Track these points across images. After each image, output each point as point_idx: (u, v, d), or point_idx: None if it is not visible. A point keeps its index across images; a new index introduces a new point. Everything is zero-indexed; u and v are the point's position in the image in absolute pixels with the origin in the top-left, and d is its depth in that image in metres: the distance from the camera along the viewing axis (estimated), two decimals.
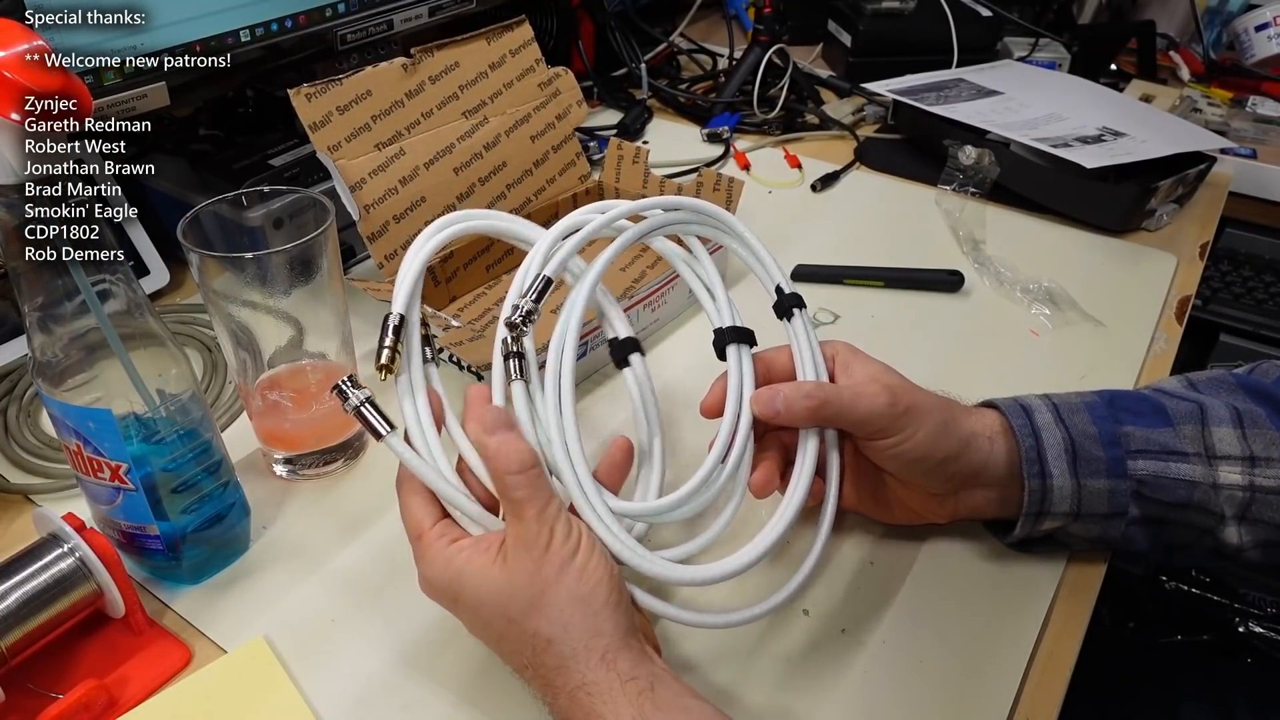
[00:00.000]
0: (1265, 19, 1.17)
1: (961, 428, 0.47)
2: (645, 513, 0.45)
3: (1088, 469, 0.47)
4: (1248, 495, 0.47)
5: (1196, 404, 0.49)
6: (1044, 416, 0.48)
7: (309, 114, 0.61)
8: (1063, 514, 0.48)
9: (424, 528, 0.41)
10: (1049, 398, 0.50)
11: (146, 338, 0.43)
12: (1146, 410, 0.49)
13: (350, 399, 0.41)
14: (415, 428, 0.43)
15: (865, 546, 0.52)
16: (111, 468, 0.43)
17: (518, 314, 0.44)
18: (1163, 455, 0.47)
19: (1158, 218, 0.84)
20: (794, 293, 0.50)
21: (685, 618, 0.43)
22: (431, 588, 0.41)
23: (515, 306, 0.44)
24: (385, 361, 0.43)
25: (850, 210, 0.89)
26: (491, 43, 0.72)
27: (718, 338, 0.49)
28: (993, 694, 0.44)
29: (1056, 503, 0.47)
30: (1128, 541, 0.49)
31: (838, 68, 1.20)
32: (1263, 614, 0.84)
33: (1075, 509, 0.47)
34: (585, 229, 0.48)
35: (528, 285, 0.45)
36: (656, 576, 0.43)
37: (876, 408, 0.46)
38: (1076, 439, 0.47)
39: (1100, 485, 0.47)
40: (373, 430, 0.41)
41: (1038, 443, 0.47)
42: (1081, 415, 0.48)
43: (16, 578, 0.42)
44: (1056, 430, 0.47)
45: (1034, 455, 0.47)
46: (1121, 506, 0.47)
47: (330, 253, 0.50)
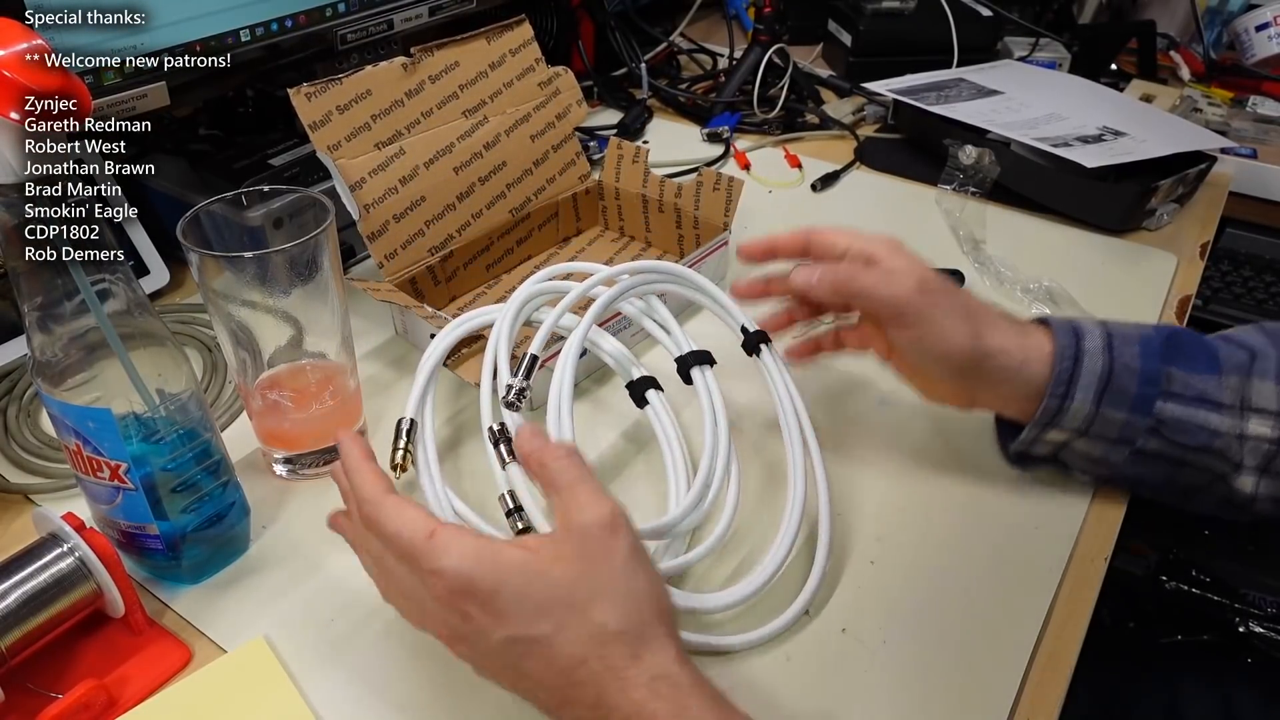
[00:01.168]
0: (1265, 19, 1.17)
1: (988, 342, 0.49)
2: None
3: (1112, 400, 0.48)
4: (1273, 449, 0.47)
5: (1250, 353, 0.49)
6: (1093, 342, 0.49)
7: (309, 113, 0.61)
8: (1071, 429, 0.49)
9: (434, 524, 0.36)
10: (1106, 325, 0.50)
11: (146, 338, 0.43)
12: (1200, 355, 0.49)
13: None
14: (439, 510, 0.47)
15: (865, 546, 0.52)
16: (111, 467, 0.43)
17: (513, 393, 0.48)
18: (1196, 402, 0.48)
19: (1158, 217, 0.84)
20: (759, 330, 0.55)
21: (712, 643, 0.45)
22: (458, 579, 0.35)
23: (509, 387, 0.48)
24: (399, 460, 0.48)
25: (850, 210, 0.89)
26: (491, 42, 0.72)
27: (680, 365, 0.54)
28: (993, 694, 0.44)
29: (1068, 420, 0.49)
30: (1130, 470, 0.50)
31: (838, 68, 1.20)
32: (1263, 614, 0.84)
33: (1084, 428, 0.49)
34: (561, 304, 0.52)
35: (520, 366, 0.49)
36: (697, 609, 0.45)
37: (901, 293, 0.48)
38: (1116, 370, 0.48)
39: (1118, 416, 0.48)
40: None
41: (1074, 368, 0.48)
42: (1132, 348, 0.49)
43: (16, 578, 0.42)
44: (1100, 358, 0.48)
45: (1065, 378, 0.48)
46: (1131, 437, 0.49)
47: (330, 252, 0.50)
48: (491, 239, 0.73)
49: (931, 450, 0.58)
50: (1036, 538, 0.52)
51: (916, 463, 0.57)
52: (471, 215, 0.71)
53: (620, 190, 0.79)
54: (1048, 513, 0.54)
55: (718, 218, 0.73)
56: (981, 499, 0.55)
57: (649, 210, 0.78)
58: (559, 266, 0.56)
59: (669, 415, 0.53)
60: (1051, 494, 0.55)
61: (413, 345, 0.67)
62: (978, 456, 0.57)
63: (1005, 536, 0.52)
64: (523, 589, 0.34)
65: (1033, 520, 0.53)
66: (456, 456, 0.57)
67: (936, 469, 0.57)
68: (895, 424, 0.61)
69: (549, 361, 0.52)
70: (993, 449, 0.57)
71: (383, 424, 0.60)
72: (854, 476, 0.56)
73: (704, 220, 0.74)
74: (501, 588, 0.34)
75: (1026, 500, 0.54)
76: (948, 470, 0.57)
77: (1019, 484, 0.55)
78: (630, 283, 0.54)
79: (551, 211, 0.78)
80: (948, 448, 0.58)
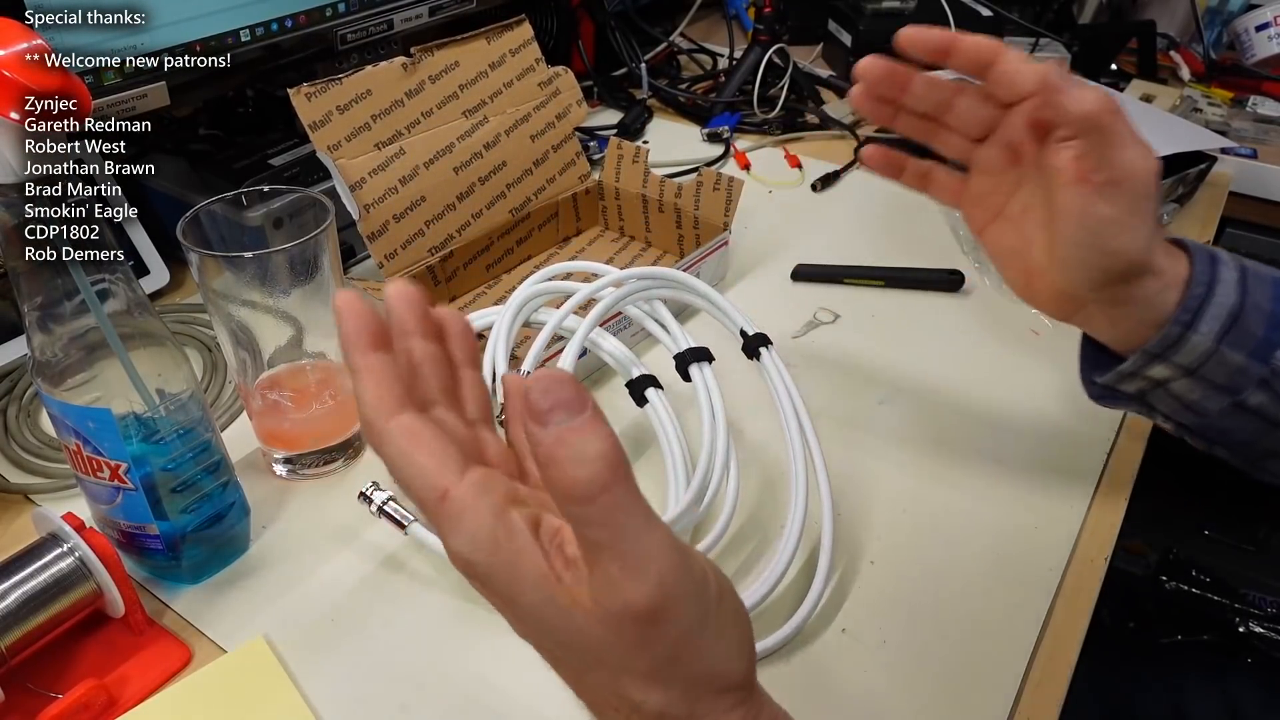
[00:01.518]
0: (1265, 19, 1.17)
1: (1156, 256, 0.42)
2: None
3: (1235, 340, 0.43)
4: None
5: None
6: (1230, 273, 0.43)
7: (309, 114, 0.61)
8: (1181, 366, 0.43)
9: (447, 481, 0.26)
10: (1240, 259, 0.45)
11: (146, 338, 0.43)
12: None
13: (374, 501, 0.49)
14: None
15: (865, 546, 0.52)
16: (111, 467, 0.43)
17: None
18: None
19: (1158, 217, 0.84)
20: (758, 334, 0.54)
21: None
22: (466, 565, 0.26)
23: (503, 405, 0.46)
24: None
25: (850, 210, 0.89)
26: (491, 42, 0.72)
27: (678, 362, 0.53)
28: (993, 694, 0.44)
29: (1183, 355, 0.43)
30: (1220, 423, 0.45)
31: (838, 68, 1.20)
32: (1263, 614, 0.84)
33: (1195, 367, 0.43)
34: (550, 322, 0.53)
35: None
36: None
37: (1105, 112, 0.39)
38: (1247, 308, 0.43)
39: (1236, 359, 0.43)
40: (397, 524, 0.48)
41: (1207, 294, 0.42)
42: (1265, 289, 0.43)
43: (16, 577, 0.42)
44: (1234, 292, 0.43)
45: (1194, 305, 0.42)
46: (1241, 387, 0.43)
47: (330, 252, 0.50)
48: (491, 239, 0.73)
49: (931, 450, 0.58)
50: (1036, 538, 0.52)
51: (916, 463, 0.57)
52: (471, 215, 0.71)
53: (620, 190, 0.79)
54: (1048, 513, 0.54)
55: (718, 218, 0.73)
56: (982, 499, 0.55)
57: (649, 210, 0.78)
58: (557, 267, 0.56)
59: (669, 414, 0.53)
60: (1051, 494, 0.55)
61: None
62: (978, 456, 0.57)
63: (1005, 536, 0.52)
64: (539, 609, 0.26)
65: (1033, 520, 0.53)
66: None
67: (936, 469, 0.57)
68: (895, 424, 0.61)
69: (549, 361, 0.52)
70: (993, 449, 0.57)
71: None
72: (854, 476, 0.56)
73: (704, 220, 0.74)
74: (517, 598, 0.26)
75: (1026, 500, 0.54)
76: (948, 470, 0.57)
77: (1019, 484, 0.55)
78: (634, 288, 0.54)
79: (551, 211, 0.78)
80: (948, 448, 0.58)
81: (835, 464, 0.55)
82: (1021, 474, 0.56)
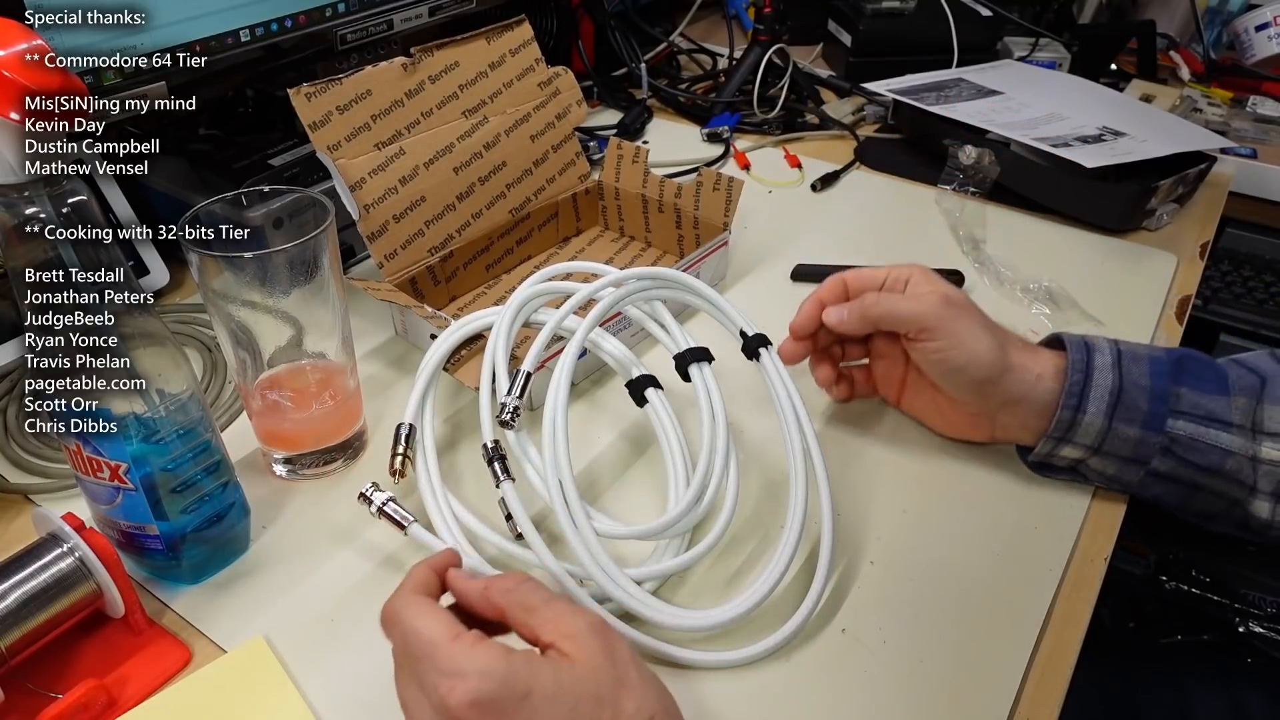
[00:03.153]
0: (1265, 19, 1.17)
1: (1009, 355, 0.50)
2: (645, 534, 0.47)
3: (1124, 415, 0.49)
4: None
5: (1260, 378, 0.49)
6: (1104, 359, 0.50)
7: (309, 114, 0.61)
8: (1084, 445, 0.50)
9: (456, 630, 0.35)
10: (1117, 343, 0.51)
11: (146, 338, 0.43)
12: (1209, 376, 0.50)
13: (374, 501, 0.48)
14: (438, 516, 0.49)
15: (865, 546, 0.52)
16: (111, 467, 0.43)
17: (506, 412, 0.48)
18: (1205, 420, 0.48)
19: (1158, 217, 0.84)
20: (758, 334, 0.54)
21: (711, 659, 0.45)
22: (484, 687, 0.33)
23: (503, 405, 0.48)
24: (398, 467, 0.49)
25: (850, 210, 0.89)
26: (491, 42, 0.72)
27: (678, 362, 0.54)
28: (993, 694, 0.44)
29: (1081, 435, 0.50)
30: (1147, 491, 0.51)
31: (838, 68, 1.20)
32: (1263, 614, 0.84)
33: (1098, 445, 0.50)
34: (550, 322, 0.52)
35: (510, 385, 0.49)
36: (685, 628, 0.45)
37: (925, 309, 0.50)
38: (1126, 387, 0.49)
39: (1131, 432, 0.49)
40: (397, 524, 0.48)
41: (1086, 380, 0.49)
42: (1141, 366, 0.50)
43: (16, 578, 0.42)
44: (1110, 374, 0.49)
45: (1077, 390, 0.49)
46: (1145, 456, 0.49)
47: (330, 252, 0.50)
48: (491, 239, 0.73)
49: (931, 450, 0.58)
50: (1036, 538, 0.52)
51: (916, 463, 0.57)
52: (471, 215, 0.71)
53: (620, 190, 0.79)
54: (1048, 513, 0.54)
55: (718, 218, 0.73)
56: (981, 499, 0.55)
57: (649, 210, 0.78)
58: (556, 267, 0.56)
59: (669, 414, 0.53)
60: (1051, 494, 0.55)
61: (413, 345, 0.67)
62: (978, 457, 0.57)
63: (1005, 536, 0.52)
64: (554, 696, 0.33)
65: (1033, 520, 0.53)
66: (455, 456, 0.57)
67: (936, 469, 0.57)
68: (895, 424, 0.61)
69: (549, 361, 0.52)
70: (992, 449, 0.57)
71: (383, 424, 0.60)
72: (854, 476, 0.56)
73: (704, 220, 0.74)
74: (532, 693, 0.33)
75: (1026, 500, 0.54)
76: (947, 470, 0.57)
77: (1019, 484, 0.55)
78: (634, 288, 0.54)
79: (551, 211, 0.78)
80: (948, 448, 0.58)
81: (835, 464, 0.55)
82: (1022, 474, 0.56)
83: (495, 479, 0.47)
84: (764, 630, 0.45)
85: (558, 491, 0.45)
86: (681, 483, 0.51)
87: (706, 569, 0.50)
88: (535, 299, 0.54)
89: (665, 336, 0.55)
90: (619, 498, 0.55)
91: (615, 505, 0.54)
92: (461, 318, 0.55)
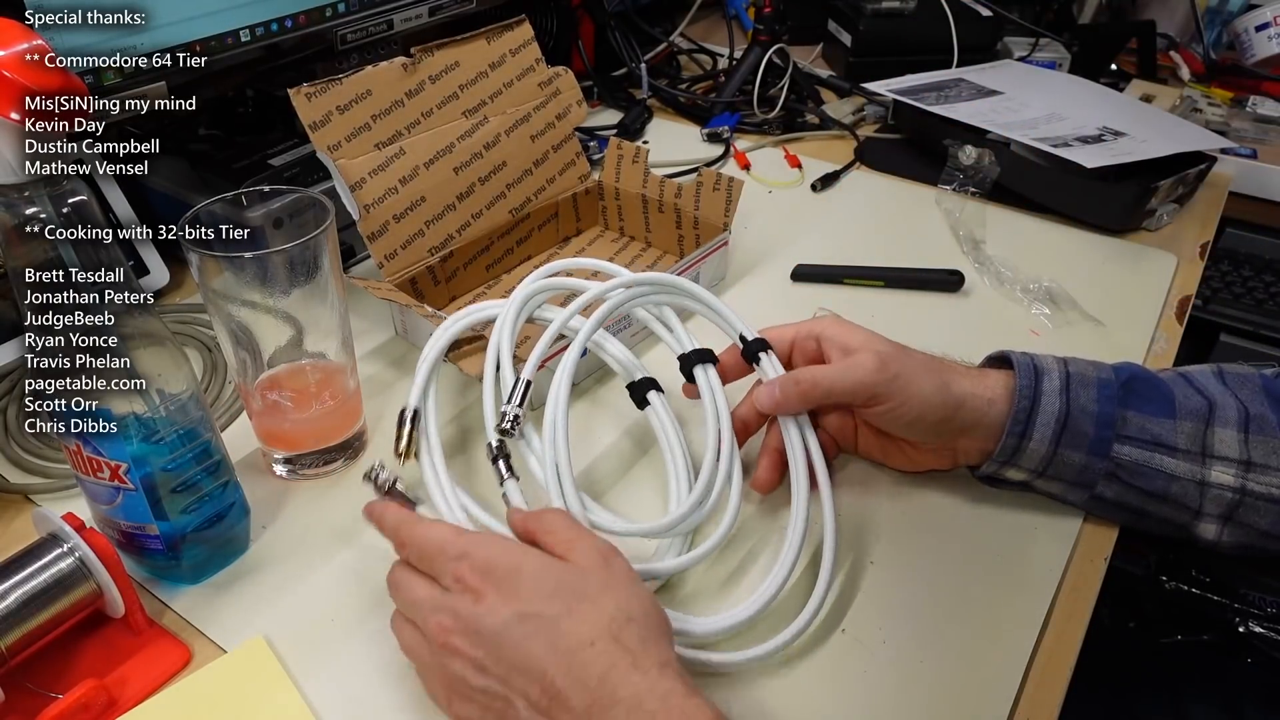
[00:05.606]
0: (1265, 19, 1.17)
1: (956, 390, 0.50)
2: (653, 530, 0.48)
3: (1070, 442, 0.49)
4: (1237, 498, 0.48)
5: (1208, 401, 0.49)
6: (1052, 383, 0.50)
7: (309, 114, 0.61)
8: (1029, 470, 0.50)
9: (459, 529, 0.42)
10: (1066, 365, 0.51)
11: (146, 338, 0.43)
12: (1156, 398, 0.50)
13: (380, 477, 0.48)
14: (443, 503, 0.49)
15: (865, 546, 0.52)
16: (111, 467, 0.43)
17: (507, 421, 0.49)
18: (1150, 445, 0.48)
19: (1158, 218, 0.84)
20: (757, 338, 0.54)
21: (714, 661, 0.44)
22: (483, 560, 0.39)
23: (504, 414, 0.49)
24: (403, 449, 0.50)
25: (850, 210, 0.89)
26: (491, 42, 0.72)
27: (683, 363, 0.54)
28: (993, 694, 0.44)
29: (1026, 460, 0.50)
30: (1095, 511, 0.52)
31: (838, 68, 1.20)
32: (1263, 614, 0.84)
33: (1042, 469, 0.50)
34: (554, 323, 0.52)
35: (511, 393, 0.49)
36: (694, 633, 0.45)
37: (865, 376, 0.49)
38: (1073, 413, 0.49)
39: (1076, 458, 0.49)
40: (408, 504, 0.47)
41: (1033, 407, 0.49)
42: (1089, 391, 0.49)
43: (16, 578, 0.42)
44: (1057, 400, 0.49)
45: (1023, 418, 0.49)
46: (1090, 481, 0.49)
47: (330, 252, 0.50)
48: (491, 239, 0.73)
49: None
50: (1036, 538, 0.52)
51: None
52: (471, 215, 0.71)
53: (620, 190, 0.79)
54: (1048, 513, 0.54)
55: (718, 218, 0.73)
56: (981, 499, 0.55)
57: (649, 210, 0.78)
58: (561, 263, 0.56)
59: (670, 417, 0.53)
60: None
61: (413, 345, 0.67)
62: None
63: (1005, 536, 0.52)
64: (540, 572, 0.39)
65: (1033, 520, 0.53)
66: (466, 454, 0.57)
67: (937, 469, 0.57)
68: None
69: (550, 361, 0.52)
70: None
71: (383, 424, 0.60)
72: (854, 476, 0.56)
73: (704, 220, 0.74)
74: (522, 567, 0.39)
75: (1026, 500, 0.54)
76: (948, 470, 0.57)
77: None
78: (635, 292, 0.54)
79: (551, 211, 0.78)
80: None
81: (835, 464, 0.55)
82: None
83: (499, 477, 0.48)
84: (765, 632, 0.45)
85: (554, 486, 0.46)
86: (683, 485, 0.51)
87: (703, 570, 0.50)
88: (539, 294, 0.54)
89: (670, 338, 0.55)
90: (622, 496, 0.55)
91: (618, 504, 0.54)
92: (466, 308, 0.55)
